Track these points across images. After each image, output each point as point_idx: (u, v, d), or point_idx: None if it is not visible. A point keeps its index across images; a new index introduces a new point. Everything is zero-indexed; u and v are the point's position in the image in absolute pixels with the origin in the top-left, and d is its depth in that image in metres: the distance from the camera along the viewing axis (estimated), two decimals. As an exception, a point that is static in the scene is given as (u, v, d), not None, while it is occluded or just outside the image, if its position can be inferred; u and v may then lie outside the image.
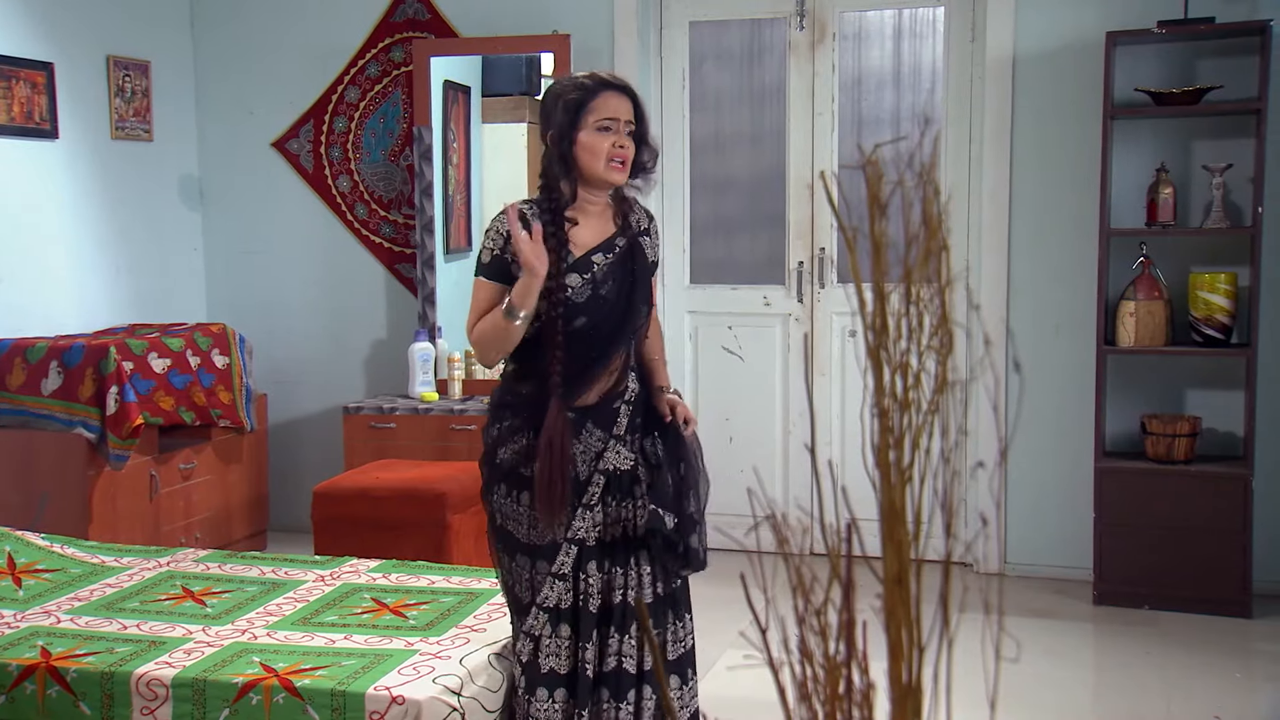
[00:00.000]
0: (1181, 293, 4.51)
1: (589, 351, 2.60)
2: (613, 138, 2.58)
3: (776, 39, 5.18)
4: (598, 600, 2.54)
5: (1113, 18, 4.52)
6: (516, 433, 2.61)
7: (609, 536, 2.60)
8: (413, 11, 5.45)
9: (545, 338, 2.56)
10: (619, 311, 2.64)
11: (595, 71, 2.70)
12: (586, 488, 2.59)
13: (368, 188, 5.58)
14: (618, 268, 2.65)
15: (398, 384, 5.40)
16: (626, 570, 2.59)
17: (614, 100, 2.61)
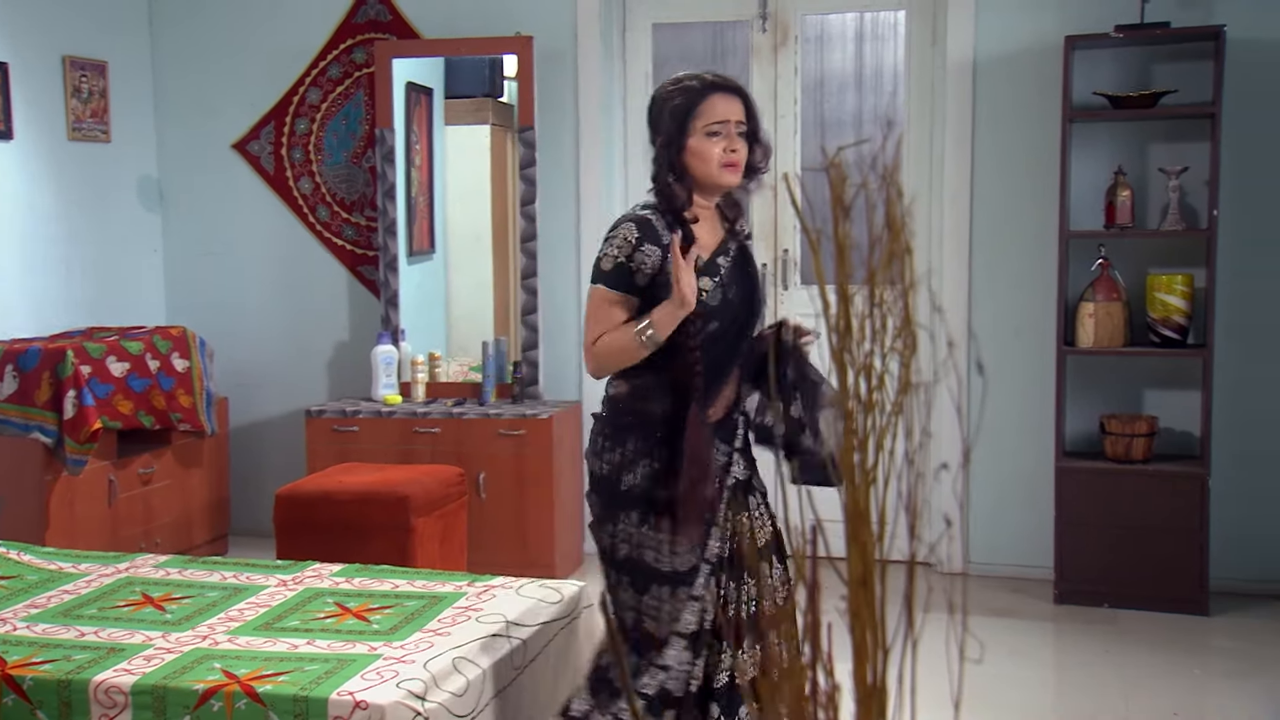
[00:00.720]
0: (1139, 294, 4.56)
1: (719, 357, 2.52)
2: (723, 142, 2.52)
3: (739, 41, 5.20)
4: (711, 617, 2.49)
5: (1071, 22, 4.56)
6: (645, 455, 2.50)
7: (727, 551, 2.52)
8: (374, 13, 5.43)
9: (679, 348, 2.46)
10: (743, 316, 2.57)
11: (702, 72, 2.60)
12: (715, 505, 2.51)
13: (330, 189, 5.55)
14: (736, 271, 2.58)
15: (360, 387, 5.37)
16: (740, 584, 2.52)
17: (722, 103, 2.53)
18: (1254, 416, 4.59)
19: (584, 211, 5.21)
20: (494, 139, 5.55)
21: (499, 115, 5.52)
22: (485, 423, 4.88)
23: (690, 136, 2.52)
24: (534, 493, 4.84)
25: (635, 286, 2.53)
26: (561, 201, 5.22)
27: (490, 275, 5.58)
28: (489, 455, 4.85)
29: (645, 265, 2.54)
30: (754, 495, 2.61)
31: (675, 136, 2.53)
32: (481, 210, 5.59)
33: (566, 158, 5.21)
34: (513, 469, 4.85)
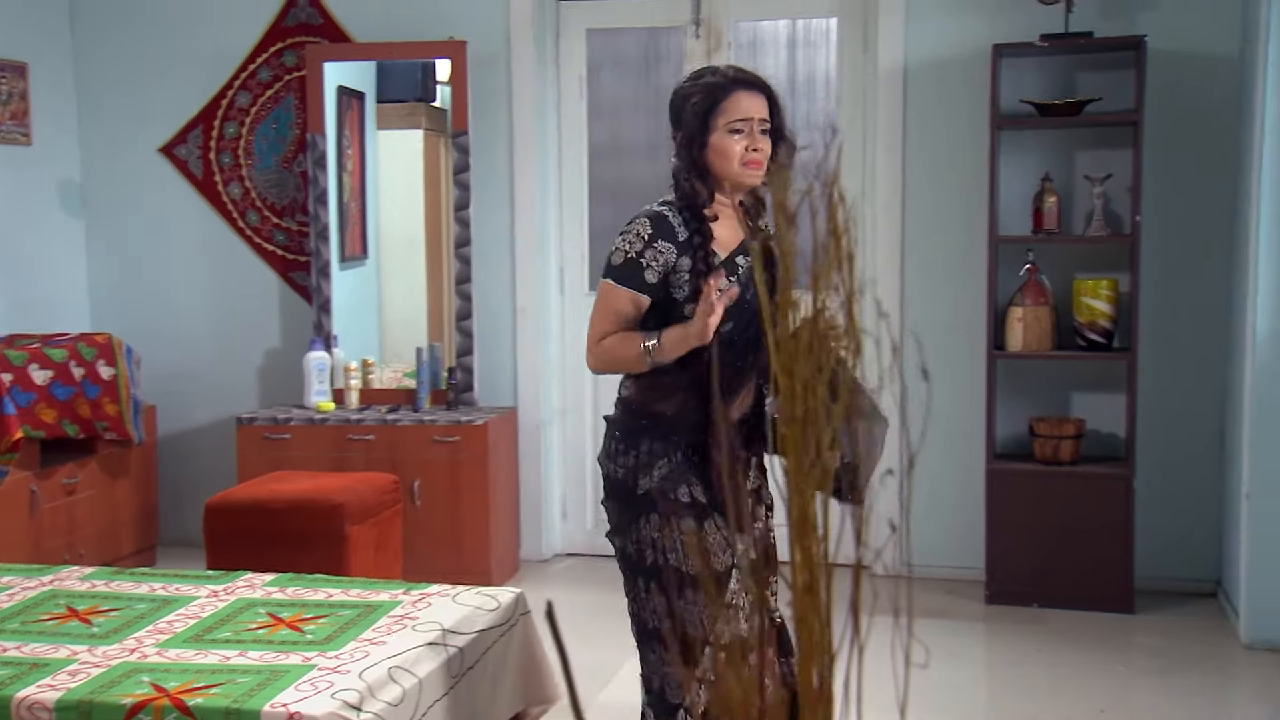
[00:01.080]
0: (1066, 299, 4.65)
1: (734, 360, 2.46)
2: (745, 140, 2.45)
3: (673, 47, 5.22)
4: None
5: (998, 31, 4.63)
6: (661, 456, 2.45)
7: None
8: (305, 16, 5.37)
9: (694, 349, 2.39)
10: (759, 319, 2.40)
11: (723, 66, 2.56)
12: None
13: (260, 194, 5.47)
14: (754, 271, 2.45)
15: (292, 394, 5.30)
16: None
17: (745, 99, 2.47)
18: (1176, 418, 4.69)
19: (518, 216, 5.20)
20: (427, 144, 5.52)
21: (432, 120, 5.48)
22: (420, 429, 4.84)
23: (712, 133, 2.47)
24: (469, 499, 4.81)
25: (645, 284, 2.47)
26: (496, 206, 5.20)
27: (424, 280, 5.54)
28: (424, 462, 4.81)
29: (657, 263, 2.48)
30: (761, 506, 2.57)
31: (697, 133, 2.48)
32: (414, 215, 5.55)
33: (500, 162, 5.19)
34: (448, 476, 4.81)
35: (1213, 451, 4.69)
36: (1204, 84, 4.58)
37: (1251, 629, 4.14)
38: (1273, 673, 3.96)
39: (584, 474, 5.40)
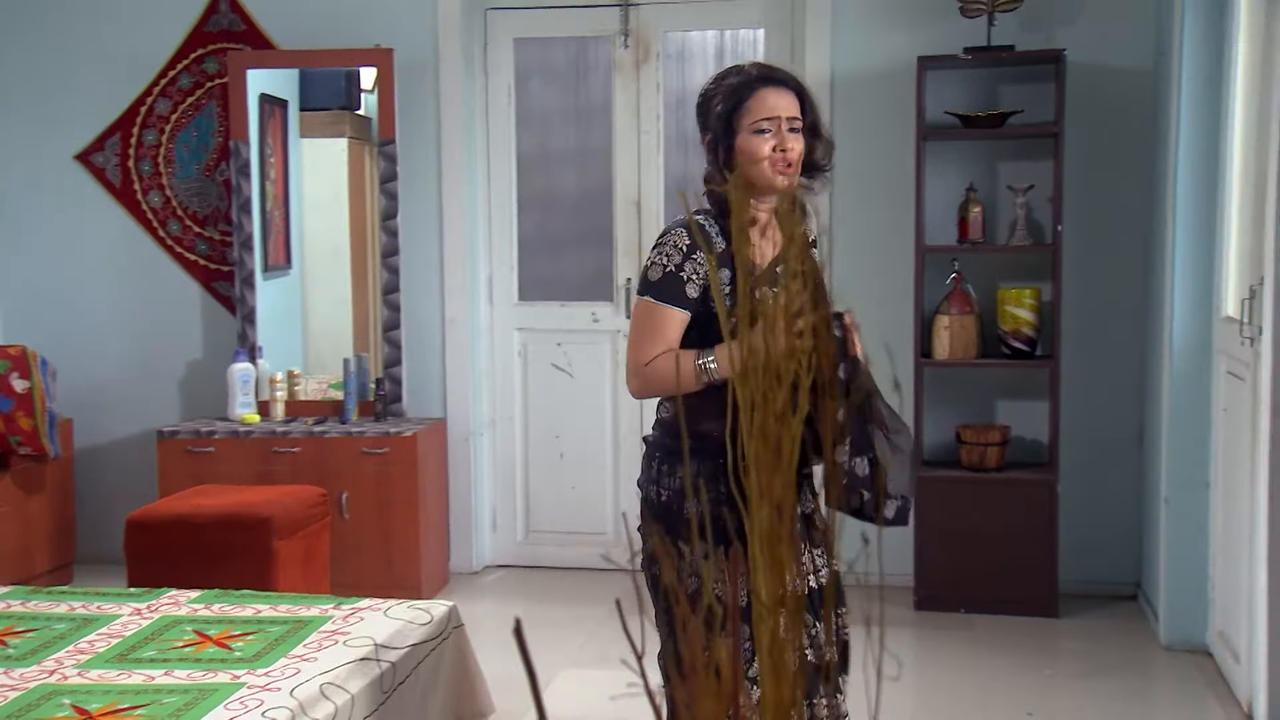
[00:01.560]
0: (991, 307, 4.72)
1: None
2: (772, 140, 2.35)
3: (602, 57, 5.22)
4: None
5: (922, 43, 4.70)
6: (710, 479, 2.30)
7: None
8: (227, 22, 5.28)
9: None
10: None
11: (748, 64, 2.46)
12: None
13: (181, 203, 5.37)
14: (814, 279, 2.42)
15: (215, 406, 5.20)
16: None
17: (771, 96, 2.36)
18: (1096, 423, 4.78)
19: (446, 226, 5.16)
20: (351, 152, 5.45)
21: (356, 128, 5.42)
22: (348, 441, 4.78)
23: (738, 134, 2.37)
24: (399, 512, 4.76)
25: (686, 299, 2.35)
26: (423, 216, 5.16)
27: (349, 291, 5.47)
28: (352, 474, 4.75)
29: (698, 275, 2.36)
30: (815, 532, 2.43)
31: (722, 135, 2.39)
32: (339, 225, 5.49)
33: (428, 172, 5.15)
34: (376, 488, 4.76)
35: (1132, 456, 4.79)
36: (1120, 96, 4.68)
37: (1170, 630, 4.23)
38: (1191, 673, 4.04)
39: (513, 484, 5.37)
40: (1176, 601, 4.21)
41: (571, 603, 4.88)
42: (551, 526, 5.36)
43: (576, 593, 5.01)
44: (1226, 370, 3.88)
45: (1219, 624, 4.00)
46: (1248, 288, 3.47)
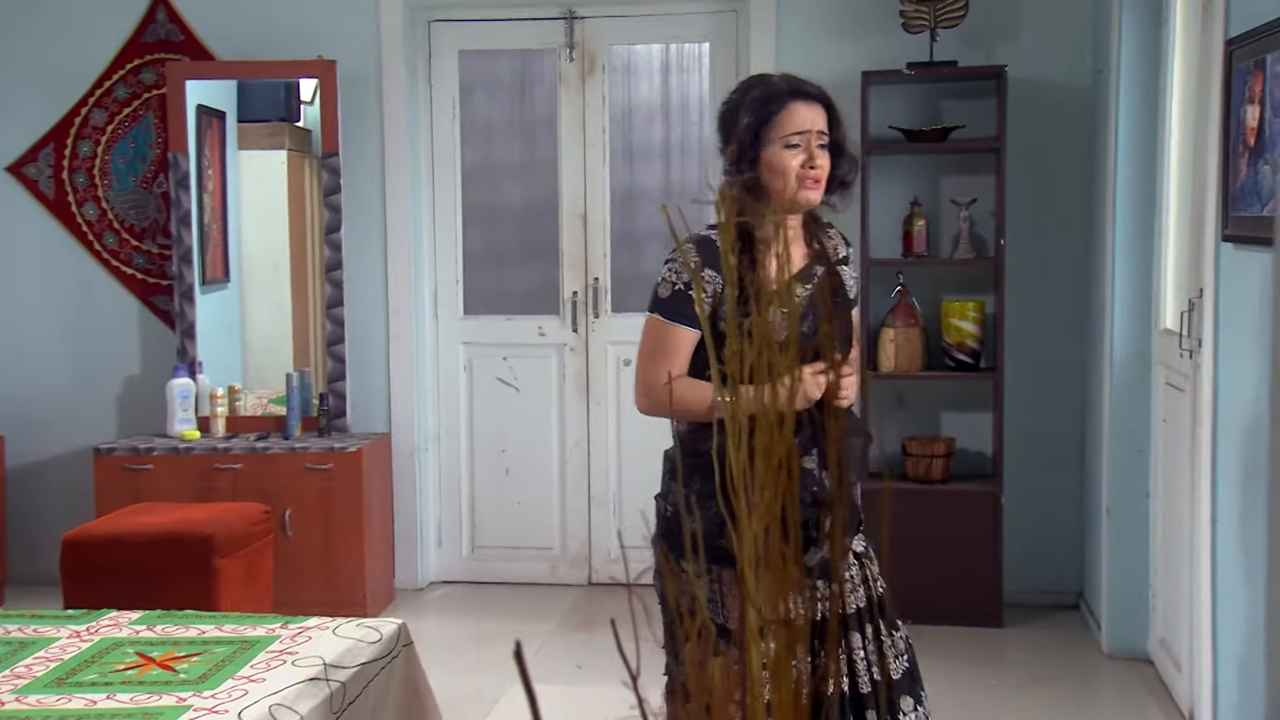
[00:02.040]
0: (935, 319, 4.76)
1: None
2: (802, 155, 2.29)
3: (547, 70, 5.20)
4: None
5: (866, 58, 4.74)
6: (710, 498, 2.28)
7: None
8: (164, 32, 5.20)
9: None
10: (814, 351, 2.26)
11: (775, 76, 2.41)
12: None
13: (118, 216, 5.27)
14: (819, 299, 2.30)
15: (153, 423, 5.10)
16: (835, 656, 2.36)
17: (802, 111, 2.30)
18: (1038, 435, 4.83)
19: (391, 239, 5.11)
20: (291, 164, 5.38)
21: (296, 140, 5.36)
22: (291, 457, 4.71)
23: (765, 148, 2.31)
24: (343, 528, 4.70)
25: (695, 317, 2.29)
26: (367, 229, 5.10)
27: (289, 304, 5.40)
28: (295, 491, 4.68)
29: (706, 293, 2.30)
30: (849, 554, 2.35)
31: (748, 148, 2.32)
32: (278, 238, 5.41)
33: (372, 184, 5.10)
34: (320, 505, 4.69)
35: (1073, 467, 4.85)
36: (1059, 112, 4.76)
37: (1112, 639, 4.28)
38: (1133, 681, 4.10)
39: (458, 500, 5.32)
40: (1118, 610, 4.26)
41: (519, 618, 4.84)
42: (497, 542, 5.32)
43: (523, 608, 4.98)
44: (1165, 382, 3.95)
45: (1160, 632, 4.06)
46: (1186, 300, 3.53)
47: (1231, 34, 2.69)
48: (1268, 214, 2.41)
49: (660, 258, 5.19)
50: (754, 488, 1.02)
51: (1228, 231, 2.66)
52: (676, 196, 5.21)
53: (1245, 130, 2.54)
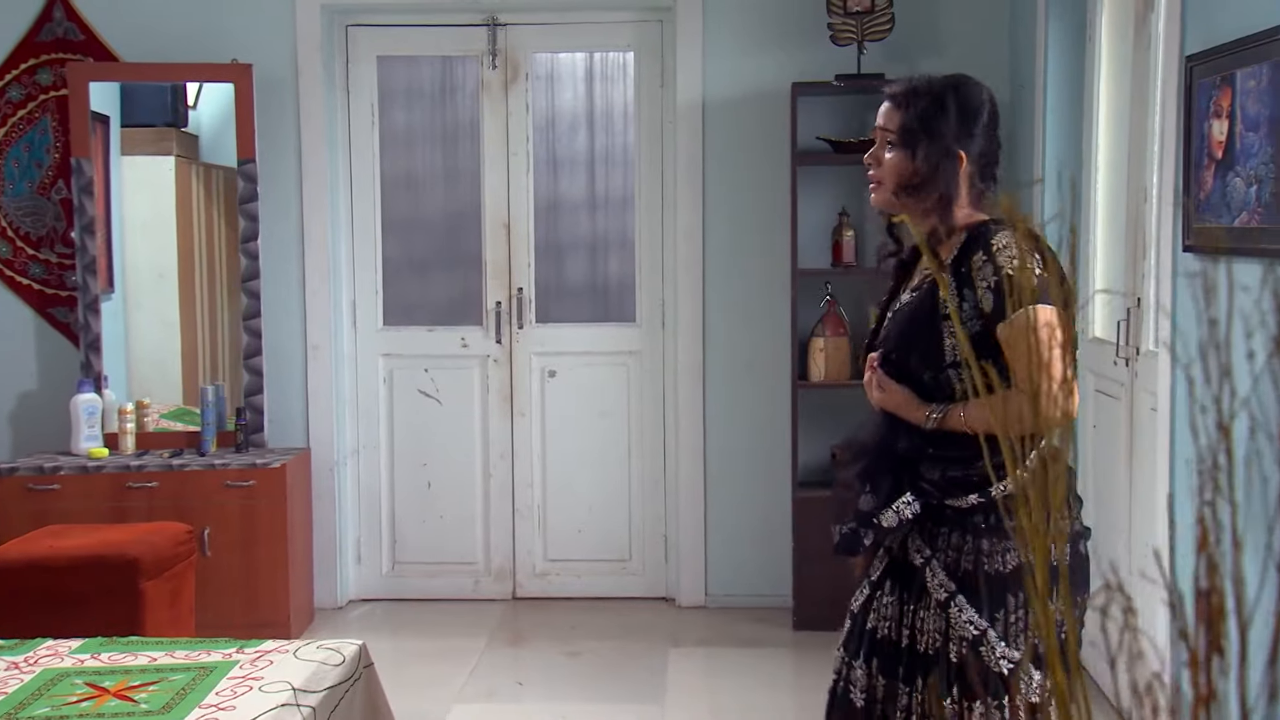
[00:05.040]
0: (863, 329, 4.81)
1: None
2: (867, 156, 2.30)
3: (469, 77, 5.12)
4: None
5: (793, 69, 4.77)
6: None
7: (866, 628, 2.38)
8: (62, 31, 4.96)
9: None
10: (891, 366, 2.26)
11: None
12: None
13: (12, 223, 5.01)
14: (907, 312, 2.25)
15: (54, 440, 4.84)
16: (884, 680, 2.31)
17: (881, 109, 2.30)
18: (963, 442, 4.92)
19: (308, 249, 4.96)
20: (179, 171, 5.16)
21: (183, 146, 5.15)
22: (209, 474, 4.52)
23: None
24: (264, 547, 4.53)
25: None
26: (283, 238, 4.94)
27: (177, 317, 5.18)
28: (214, 509, 4.49)
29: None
30: (933, 581, 2.22)
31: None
32: (166, 248, 5.16)
33: (288, 192, 4.94)
34: (241, 522, 4.52)
35: (995, 473, 4.94)
36: (979, 126, 4.85)
37: (1042, 640, 4.37)
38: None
39: (378, 515, 5.19)
40: (1048, 612, 4.35)
41: (446, 635, 4.73)
42: (418, 557, 5.20)
43: (448, 625, 4.87)
44: (1095, 389, 4.05)
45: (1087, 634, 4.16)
46: (1124, 310, 3.63)
47: (1190, 50, 2.77)
48: (1240, 225, 2.48)
49: (585, 267, 5.17)
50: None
51: (1189, 242, 2.74)
52: (601, 206, 5.17)
53: (1211, 144, 2.62)
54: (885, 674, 2.25)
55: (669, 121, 4.99)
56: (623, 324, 5.13)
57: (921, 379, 2.22)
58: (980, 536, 2.17)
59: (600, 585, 5.15)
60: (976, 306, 2.14)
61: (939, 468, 2.17)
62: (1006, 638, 2.15)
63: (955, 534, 2.18)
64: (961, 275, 2.16)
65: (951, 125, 2.23)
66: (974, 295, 2.13)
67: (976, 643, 2.16)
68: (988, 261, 2.13)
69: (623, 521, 5.15)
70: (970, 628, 2.16)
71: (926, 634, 2.20)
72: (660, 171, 5.02)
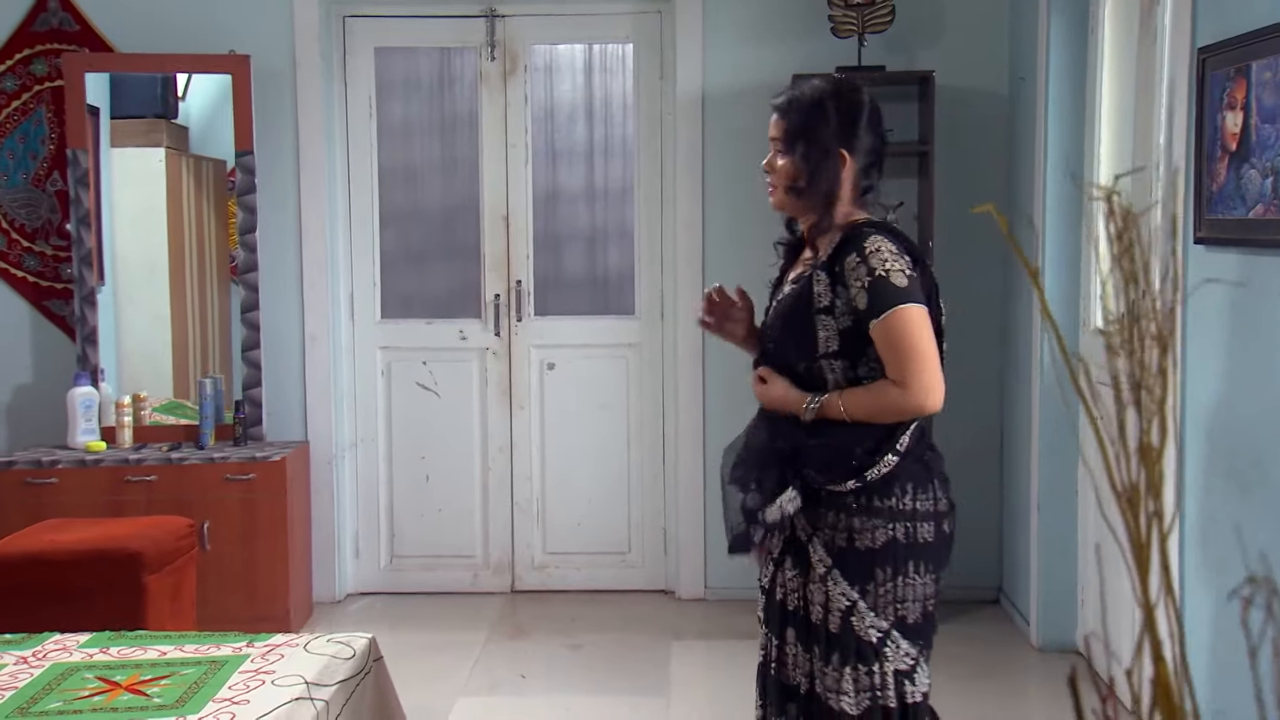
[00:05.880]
0: (863, 321, 4.81)
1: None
2: (764, 164, 2.50)
3: (467, 69, 5.10)
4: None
5: (795, 62, 4.77)
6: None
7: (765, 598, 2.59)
8: (57, 21, 4.92)
9: None
10: (770, 354, 2.51)
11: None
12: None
13: (7, 215, 4.97)
14: (786, 303, 2.46)
15: (50, 434, 4.81)
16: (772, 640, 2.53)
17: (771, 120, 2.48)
18: (960, 435, 4.91)
19: (306, 240, 4.93)
20: (169, 163, 5.12)
21: (173, 138, 5.11)
22: (209, 468, 4.50)
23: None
24: (264, 541, 4.51)
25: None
26: (281, 230, 4.92)
27: (168, 310, 5.14)
28: (213, 502, 4.47)
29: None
30: (815, 557, 2.39)
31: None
32: (156, 240, 5.13)
33: (287, 184, 4.92)
34: (240, 516, 4.49)
35: (993, 465, 4.96)
36: (976, 118, 4.86)
37: (1043, 632, 4.39)
38: (1066, 671, 4.19)
39: (376, 508, 5.17)
40: (1048, 604, 4.37)
41: (445, 628, 4.72)
42: (417, 550, 5.19)
43: (447, 618, 4.86)
44: (1097, 381, 4.05)
45: (1090, 625, 4.17)
46: (1128, 301, 3.63)
47: (1202, 42, 2.77)
48: (1255, 217, 2.49)
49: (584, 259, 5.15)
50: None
51: (1201, 234, 2.74)
52: (600, 198, 5.16)
53: (1225, 136, 2.62)
54: (801, 643, 2.42)
55: (668, 113, 4.98)
56: (622, 316, 5.12)
57: (797, 369, 2.41)
58: (852, 515, 2.35)
59: (600, 578, 5.14)
60: (849, 303, 2.32)
61: (819, 458, 2.34)
62: (875, 608, 2.33)
63: (831, 513, 2.37)
64: (835, 274, 2.34)
65: (832, 128, 2.41)
66: (847, 293, 2.32)
67: (849, 613, 2.34)
68: (861, 263, 2.30)
69: (622, 514, 5.14)
70: (843, 599, 2.35)
71: (814, 605, 2.38)
72: (660, 163, 5.01)
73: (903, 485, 2.34)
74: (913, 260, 2.33)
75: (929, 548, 2.36)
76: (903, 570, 2.34)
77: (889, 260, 2.29)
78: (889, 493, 2.34)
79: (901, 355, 2.26)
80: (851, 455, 2.32)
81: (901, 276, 2.28)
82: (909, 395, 2.27)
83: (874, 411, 2.32)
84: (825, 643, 2.37)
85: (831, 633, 2.36)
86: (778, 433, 2.42)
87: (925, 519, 2.36)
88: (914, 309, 2.27)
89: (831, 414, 2.34)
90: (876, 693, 2.33)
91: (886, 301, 2.26)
